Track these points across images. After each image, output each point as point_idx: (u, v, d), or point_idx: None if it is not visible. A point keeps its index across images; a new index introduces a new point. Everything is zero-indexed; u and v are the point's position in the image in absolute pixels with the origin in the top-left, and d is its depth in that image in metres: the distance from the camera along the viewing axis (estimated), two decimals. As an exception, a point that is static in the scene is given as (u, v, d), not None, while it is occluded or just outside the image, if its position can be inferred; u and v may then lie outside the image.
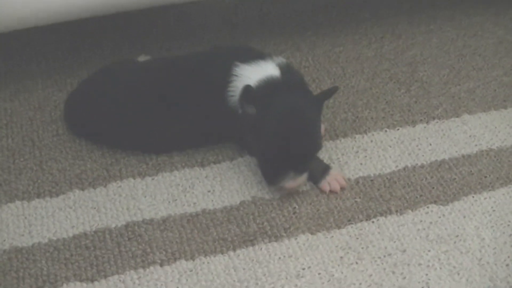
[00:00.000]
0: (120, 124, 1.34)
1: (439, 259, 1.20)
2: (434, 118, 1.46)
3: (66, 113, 1.42)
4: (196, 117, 1.31)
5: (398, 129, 1.43)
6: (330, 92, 1.29)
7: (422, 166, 1.36)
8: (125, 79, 1.37)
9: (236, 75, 1.28)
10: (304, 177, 1.26)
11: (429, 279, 1.17)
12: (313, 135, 1.25)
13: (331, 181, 1.30)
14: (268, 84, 1.26)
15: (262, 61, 1.29)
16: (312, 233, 1.24)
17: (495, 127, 1.45)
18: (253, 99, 1.24)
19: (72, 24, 1.50)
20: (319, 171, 1.31)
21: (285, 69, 1.29)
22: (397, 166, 1.36)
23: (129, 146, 1.36)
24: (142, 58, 1.51)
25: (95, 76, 1.43)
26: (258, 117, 1.24)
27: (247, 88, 1.23)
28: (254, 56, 1.30)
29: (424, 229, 1.25)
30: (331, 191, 1.30)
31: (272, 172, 1.25)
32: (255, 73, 1.27)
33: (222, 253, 1.20)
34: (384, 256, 1.20)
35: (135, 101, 1.33)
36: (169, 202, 1.29)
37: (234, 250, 1.21)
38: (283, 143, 1.21)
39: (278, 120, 1.23)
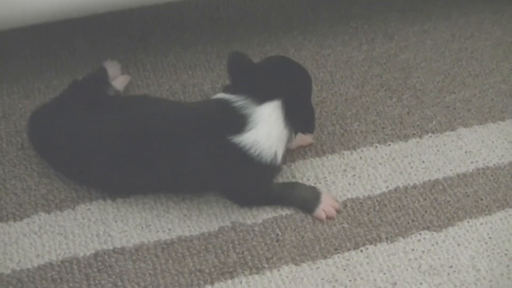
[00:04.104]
0: (89, 162, 1.20)
1: (432, 294, 1.12)
2: (427, 132, 1.37)
3: (30, 133, 1.28)
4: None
5: (389, 145, 1.34)
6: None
7: (414, 187, 1.27)
8: (100, 113, 1.21)
9: (254, 145, 1.15)
10: None
11: (420, 318, 1.10)
12: None
13: (325, 208, 1.21)
14: (288, 97, 1.19)
15: (253, 112, 1.16)
16: (296, 264, 1.15)
17: (492, 142, 1.36)
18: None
19: (40, 23, 1.38)
20: (311, 199, 1.22)
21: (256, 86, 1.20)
22: (388, 187, 1.27)
23: (94, 184, 1.24)
24: (108, 64, 1.40)
25: (65, 98, 1.28)
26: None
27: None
28: (240, 115, 1.16)
29: (416, 259, 1.17)
30: (327, 218, 1.21)
31: None
32: (270, 119, 1.17)
33: (198, 287, 1.12)
34: (373, 290, 1.13)
35: (108, 141, 1.18)
36: (142, 228, 1.19)
37: (211, 283, 1.12)
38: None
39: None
